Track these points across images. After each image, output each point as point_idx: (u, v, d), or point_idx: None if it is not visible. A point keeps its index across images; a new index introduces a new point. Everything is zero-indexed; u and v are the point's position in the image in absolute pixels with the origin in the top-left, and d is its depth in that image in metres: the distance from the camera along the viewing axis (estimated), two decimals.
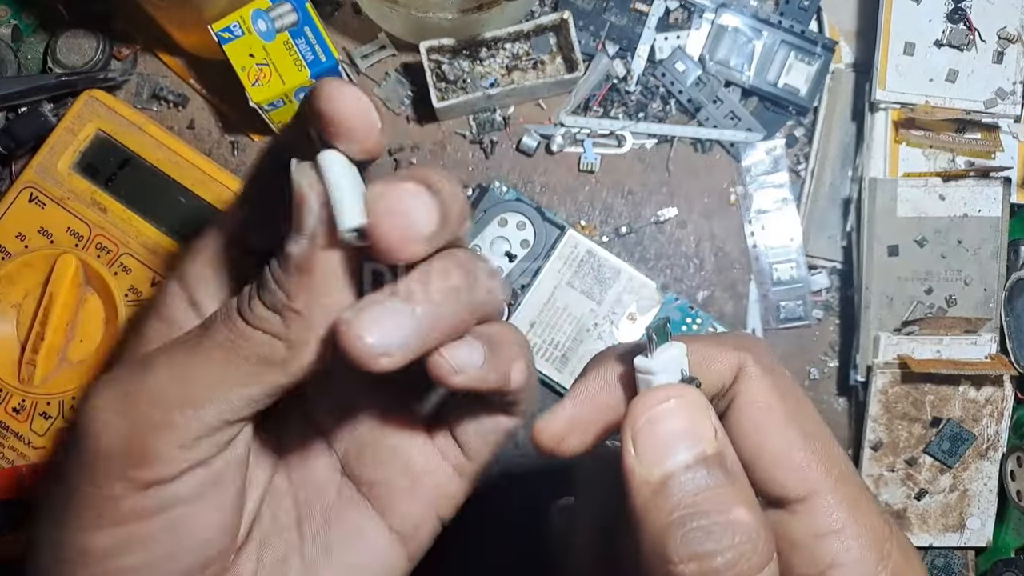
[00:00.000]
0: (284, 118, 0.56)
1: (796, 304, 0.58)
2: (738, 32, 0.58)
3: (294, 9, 0.53)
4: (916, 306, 0.55)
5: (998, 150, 0.56)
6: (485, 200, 0.56)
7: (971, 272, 0.55)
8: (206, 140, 0.59)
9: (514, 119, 0.59)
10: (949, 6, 0.55)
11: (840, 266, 0.59)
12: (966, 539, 0.55)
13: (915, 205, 0.55)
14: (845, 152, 0.58)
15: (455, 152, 0.59)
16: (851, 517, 0.27)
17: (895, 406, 0.55)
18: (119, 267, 0.53)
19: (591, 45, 0.58)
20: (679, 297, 0.57)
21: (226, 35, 0.52)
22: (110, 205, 0.54)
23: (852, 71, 0.59)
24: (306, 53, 0.53)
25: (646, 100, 0.59)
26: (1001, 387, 0.55)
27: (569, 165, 0.59)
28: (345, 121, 0.25)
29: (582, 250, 0.57)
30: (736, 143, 0.59)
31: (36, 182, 0.54)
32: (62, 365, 0.54)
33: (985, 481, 0.55)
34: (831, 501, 0.27)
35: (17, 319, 0.54)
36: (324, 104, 0.25)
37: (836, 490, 0.27)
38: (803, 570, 0.27)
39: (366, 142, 0.26)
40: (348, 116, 0.25)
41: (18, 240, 0.54)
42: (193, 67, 0.59)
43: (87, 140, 0.54)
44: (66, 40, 0.58)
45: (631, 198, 0.59)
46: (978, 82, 0.55)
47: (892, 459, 0.55)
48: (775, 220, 0.59)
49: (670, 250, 0.59)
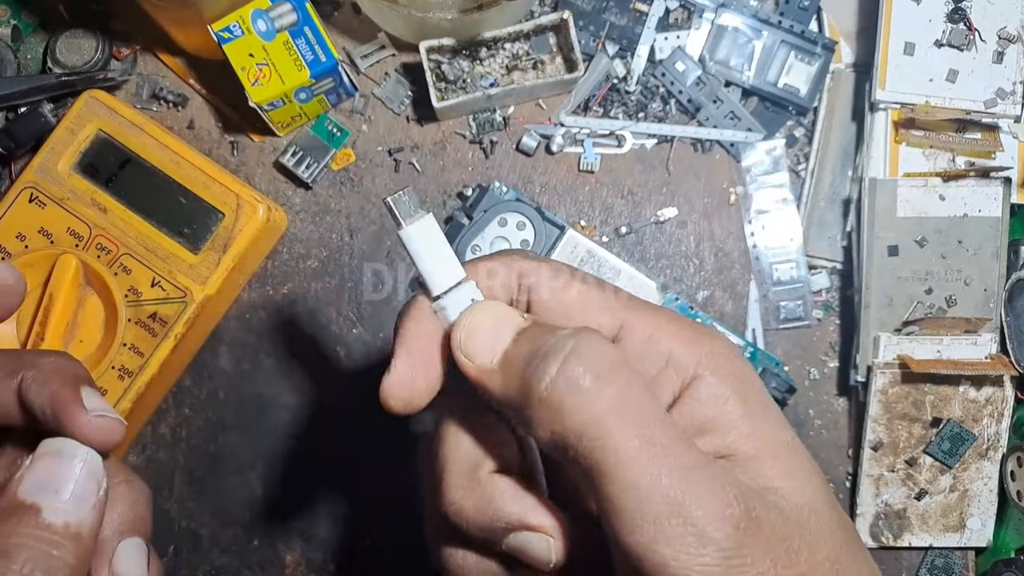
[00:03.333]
0: (284, 118, 0.56)
1: (796, 304, 0.58)
2: (738, 32, 0.58)
3: (294, 9, 0.53)
4: (916, 306, 0.55)
5: (998, 150, 0.56)
6: (485, 200, 0.56)
7: (971, 272, 0.55)
8: (206, 140, 0.59)
9: (514, 119, 0.59)
10: (949, 6, 0.55)
11: (840, 266, 0.59)
12: (966, 539, 0.55)
13: (915, 205, 0.55)
14: (845, 152, 0.58)
15: (455, 152, 0.59)
16: (663, 320, 0.33)
17: (895, 406, 0.55)
18: (119, 267, 0.53)
19: (591, 45, 0.58)
20: (679, 297, 0.57)
21: (226, 35, 0.52)
22: (110, 205, 0.54)
23: (852, 71, 0.59)
24: (306, 53, 0.53)
25: (646, 100, 0.59)
26: (1001, 387, 0.55)
27: (569, 165, 0.59)
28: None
29: (582, 250, 0.57)
30: (736, 143, 0.59)
31: (36, 182, 0.54)
32: None
33: (985, 481, 0.55)
34: (639, 319, 0.33)
35: (17, 319, 0.54)
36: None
37: (642, 313, 0.33)
38: (653, 369, 0.32)
39: None
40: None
41: (18, 240, 0.54)
42: (193, 67, 0.59)
43: (87, 140, 0.54)
44: (66, 40, 0.58)
45: (631, 198, 0.59)
46: (978, 82, 0.55)
47: (892, 459, 0.55)
48: (775, 220, 0.59)
49: (670, 250, 0.59)
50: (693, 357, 0.31)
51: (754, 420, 0.31)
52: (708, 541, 0.26)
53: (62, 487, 0.30)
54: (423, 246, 0.32)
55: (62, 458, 0.31)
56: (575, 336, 0.29)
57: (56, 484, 0.30)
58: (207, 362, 0.59)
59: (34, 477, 0.31)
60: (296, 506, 0.58)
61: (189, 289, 0.53)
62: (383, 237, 0.59)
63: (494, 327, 0.31)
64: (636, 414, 0.28)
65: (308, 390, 0.59)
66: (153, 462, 0.58)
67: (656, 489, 0.27)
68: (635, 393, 0.28)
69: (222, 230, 0.54)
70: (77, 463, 0.31)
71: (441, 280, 0.32)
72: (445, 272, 0.32)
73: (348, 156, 0.59)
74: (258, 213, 0.54)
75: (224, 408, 0.59)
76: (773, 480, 0.30)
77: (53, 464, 0.31)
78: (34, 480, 0.30)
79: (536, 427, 0.28)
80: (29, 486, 0.30)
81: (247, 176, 0.59)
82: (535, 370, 0.28)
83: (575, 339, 0.28)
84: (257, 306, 0.59)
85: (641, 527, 0.26)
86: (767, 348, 0.58)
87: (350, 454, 0.59)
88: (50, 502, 0.30)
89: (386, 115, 0.59)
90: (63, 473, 0.31)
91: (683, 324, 0.33)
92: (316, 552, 0.58)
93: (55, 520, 0.30)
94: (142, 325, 0.53)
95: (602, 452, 0.27)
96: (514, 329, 0.31)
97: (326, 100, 0.57)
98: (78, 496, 0.31)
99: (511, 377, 0.29)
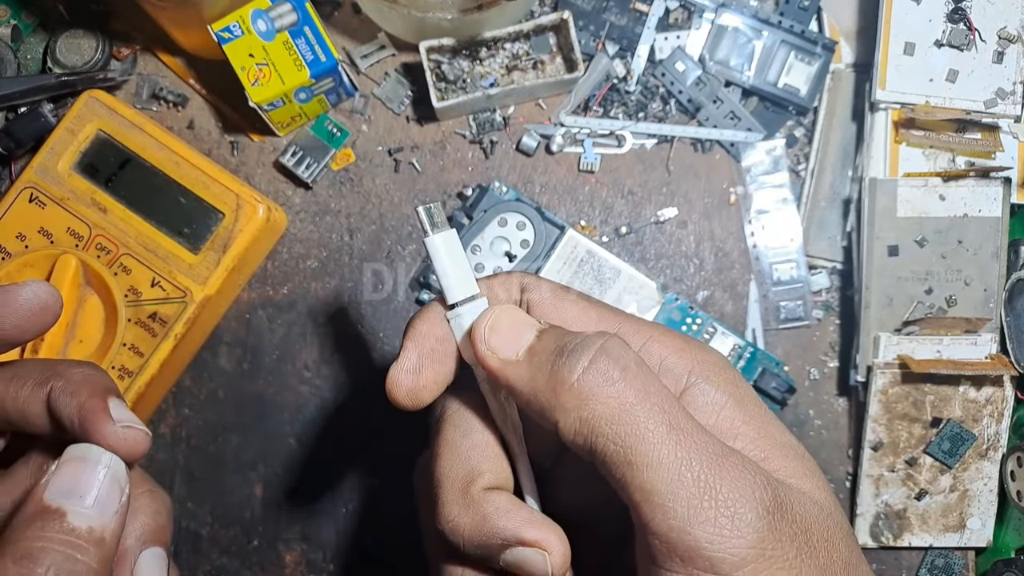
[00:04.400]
0: (284, 118, 0.56)
1: (796, 304, 0.58)
2: (738, 32, 0.58)
3: (294, 9, 0.53)
4: (916, 306, 0.55)
5: (998, 150, 0.56)
6: (485, 200, 0.56)
7: (971, 272, 0.55)
8: (206, 140, 0.59)
9: (514, 119, 0.59)
10: (949, 6, 0.55)
11: (840, 266, 0.59)
12: (966, 539, 0.55)
13: (915, 205, 0.55)
14: (845, 152, 0.58)
15: (455, 152, 0.59)
16: (654, 331, 0.34)
17: (895, 406, 0.55)
18: (119, 267, 0.53)
19: (591, 45, 0.58)
20: (679, 297, 0.57)
21: (226, 35, 0.52)
22: (110, 205, 0.54)
23: (852, 71, 0.59)
24: (306, 53, 0.53)
25: (646, 100, 0.59)
26: (1001, 387, 0.55)
27: (569, 165, 0.59)
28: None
29: (582, 250, 0.57)
30: (736, 143, 0.59)
31: (36, 182, 0.54)
32: None
33: (985, 481, 0.55)
34: (633, 328, 0.34)
35: None
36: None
37: (634, 324, 0.35)
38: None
39: None
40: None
41: (18, 240, 0.54)
42: (193, 67, 0.59)
43: (87, 140, 0.54)
44: (66, 40, 0.58)
45: (631, 198, 0.59)
46: (978, 82, 0.55)
47: (892, 459, 0.55)
48: (775, 220, 0.59)
49: (670, 250, 0.59)
50: (685, 365, 0.32)
51: (756, 424, 0.31)
52: (742, 523, 0.26)
53: (87, 492, 0.31)
54: (446, 257, 0.34)
55: (87, 464, 0.32)
56: (602, 336, 0.30)
57: (81, 489, 0.31)
58: (207, 362, 0.59)
59: (59, 482, 0.31)
60: (296, 506, 0.58)
61: (189, 289, 0.53)
62: (383, 237, 0.59)
63: (516, 325, 0.32)
64: (661, 404, 0.29)
65: (308, 390, 0.59)
66: (153, 462, 0.58)
67: (688, 472, 0.27)
68: (657, 387, 0.29)
69: (222, 230, 0.54)
70: (101, 469, 0.32)
71: (458, 290, 0.34)
72: (462, 284, 0.34)
73: (348, 156, 0.59)
74: (258, 213, 0.54)
75: (224, 408, 0.59)
76: (787, 480, 0.30)
77: (78, 469, 0.31)
78: (59, 485, 0.31)
79: (562, 415, 0.29)
80: (54, 491, 0.31)
81: (247, 176, 0.59)
82: (566, 361, 0.30)
83: (603, 339, 0.30)
84: (257, 306, 0.59)
85: (674, 510, 0.27)
86: (767, 348, 0.58)
87: (350, 454, 0.59)
88: (75, 507, 0.30)
89: (386, 115, 0.59)
90: (88, 478, 0.31)
91: (674, 335, 0.34)
92: (316, 552, 0.58)
93: (79, 524, 0.30)
94: (142, 325, 0.53)
95: (633, 437, 0.28)
96: (535, 328, 0.32)
97: (326, 100, 0.57)
98: (102, 501, 0.31)
99: (538, 368, 0.30)
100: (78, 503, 0.30)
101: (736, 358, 0.56)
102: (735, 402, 0.32)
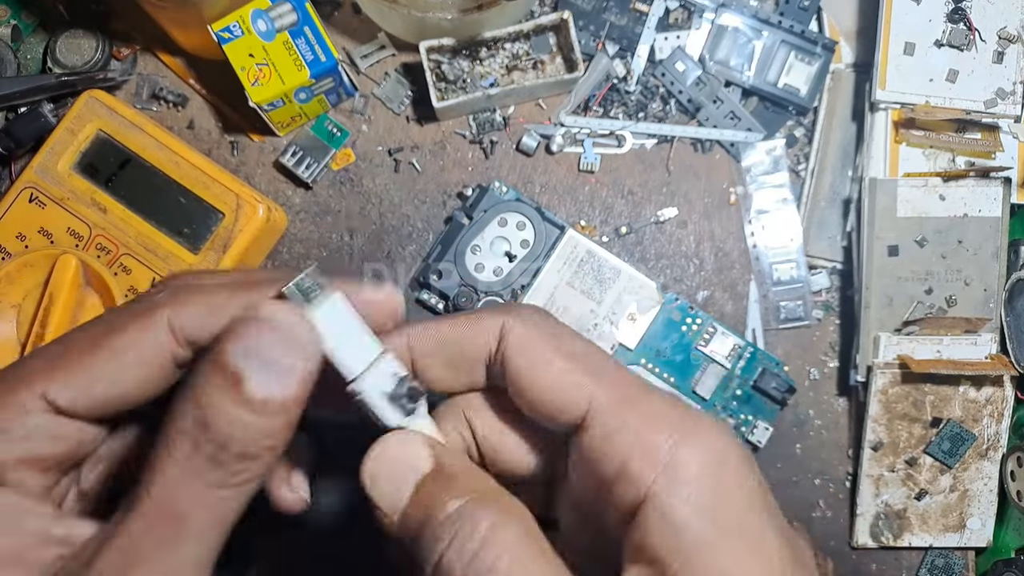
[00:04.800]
0: (284, 118, 0.56)
1: (796, 304, 0.58)
2: (738, 32, 0.58)
3: (294, 9, 0.53)
4: (916, 306, 0.55)
5: (998, 150, 0.56)
6: (485, 200, 0.56)
7: (971, 272, 0.55)
8: (206, 140, 0.59)
9: (514, 119, 0.59)
10: (949, 6, 0.55)
11: (840, 266, 0.59)
12: (966, 539, 0.55)
13: (915, 205, 0.55)
14: (845, 152, 0.58)
15: (455, 152, 0.59)
16: (630, 411, 0.28)
17: (895, 406, 0.55)
18: (119, 267, 0.53)
19: (591, 45, 0.58)
20: (679, 297, 0.57)
21: (226, 35, 0.52)
22: (110, 205, 0.54)
23: (852, 71, 0.59)
24: (306, 53, 0.53)
25: (646, 100, 0.59)
26: (1001, 387, 0.55)
27: (569, 165, 0.59)
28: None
29: (582, 250, 0.57)
30: (736, 143, 0.59)
31: (36, 182, 0.54)
32: None
33: (985, 481, 0.55)
34: (607, 404, 0.29)
35: (17, 319, 0.54)
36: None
37: (611, 395, 0.29)
38: (609, 475, 0.28)
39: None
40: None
41: (18, 240, 0.54)
42: (193, 67, 0.59)
43: (87, 140, 0.54)
44: (66, 40, 0.58)
45: (631, 198, 0.59)
46: (978, 82, 0.55)
47: (892, 459, 0.55)
48: (775, 220, 0.59)
49: (670, 250, 0.59)
50: (650, 468, 0.27)
51: (714, 553, 0.26)
52: None
53: (271, 357, 0.27)
54: (330, 330, 0.29)
55: (274, 325, 0.27)
56: (489, 516, 0.27)
57: (265, 353, 0.27)
58: None
59: (240, 343, 0.27)
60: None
61: None
62: (383, 237, 0.59)
63: (396, 472, 0.31)
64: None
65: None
66: None
67: None
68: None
69: (222, 230, 0.54)
70: (296, 330, 0.28)
71: (353, 363, 0.30)
72: (357, 352, 0.30)
73: (348, 156, 0.59)
74: (258, 213, 0.54)
75: None
76: None
77: (263, 330, 0.27)
78: (241, 346, 0.27)
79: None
80: (235, 350, 0.27)
81: (247, 176, 0.59)
82: (426, 544, 0.28)
83: (490, 520, 0.27)
84: None
85: None
86: (767, 348, 0.58)
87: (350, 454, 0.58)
88: (254, 372, 0.27)
89: (386, 115, 0.59)
90: (273, 341, 0.27)
91: (655, 401, 0.29)
92: (316, 552, 0.58)
93: (257, 393, 0.27)
94: None
95: None
96: (416, 475, 0.30)
97: (326, 100, 0.57)
98: (286, 369, 0.28)
99: (407, 537, 0.29)
100: (259, 369, 0.28)
101: (736, 358, 0.56)
102: (703, 516, 0.26)
